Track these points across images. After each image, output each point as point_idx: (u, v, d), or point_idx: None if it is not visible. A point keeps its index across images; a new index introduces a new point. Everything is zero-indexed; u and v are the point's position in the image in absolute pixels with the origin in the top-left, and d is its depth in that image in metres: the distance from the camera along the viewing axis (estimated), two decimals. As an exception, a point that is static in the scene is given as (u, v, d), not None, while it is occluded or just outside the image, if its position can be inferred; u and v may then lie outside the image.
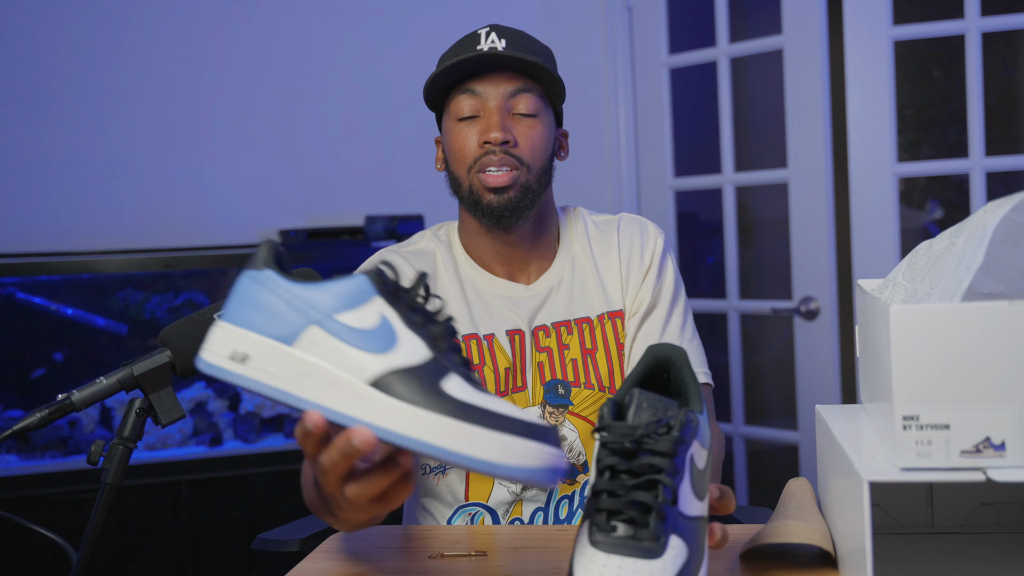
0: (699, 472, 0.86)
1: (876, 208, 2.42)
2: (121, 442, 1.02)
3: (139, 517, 2.45)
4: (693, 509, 0.84)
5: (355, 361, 0.73)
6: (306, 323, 0.74)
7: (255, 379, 0.74)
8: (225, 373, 0.74)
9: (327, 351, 0.74)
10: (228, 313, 0.77)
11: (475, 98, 1.34)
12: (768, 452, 3.23)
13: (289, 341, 0.74)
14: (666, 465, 0.81)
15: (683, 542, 0.81)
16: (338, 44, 2.96)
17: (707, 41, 2.71)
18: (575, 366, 1.38)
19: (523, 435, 0.71)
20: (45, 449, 2.53)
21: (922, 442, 0.83)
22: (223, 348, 0.75)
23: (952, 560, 1.00)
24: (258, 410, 2.71)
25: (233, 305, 0.77)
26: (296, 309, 0.75)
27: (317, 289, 0.76)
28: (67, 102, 2.77)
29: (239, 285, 0.77)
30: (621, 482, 0.81)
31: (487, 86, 1.34)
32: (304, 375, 0.73)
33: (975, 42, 2.33)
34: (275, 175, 2.91)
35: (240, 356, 0.74)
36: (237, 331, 0.75)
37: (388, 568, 1.07)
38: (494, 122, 1.33)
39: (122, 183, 2.80)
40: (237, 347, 0.74)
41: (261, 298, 0.76)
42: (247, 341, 0.75)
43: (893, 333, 0.83)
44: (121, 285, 2.75)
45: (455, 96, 1.36)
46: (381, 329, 0.75)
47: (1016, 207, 0.85)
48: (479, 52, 1.32)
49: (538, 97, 1.36)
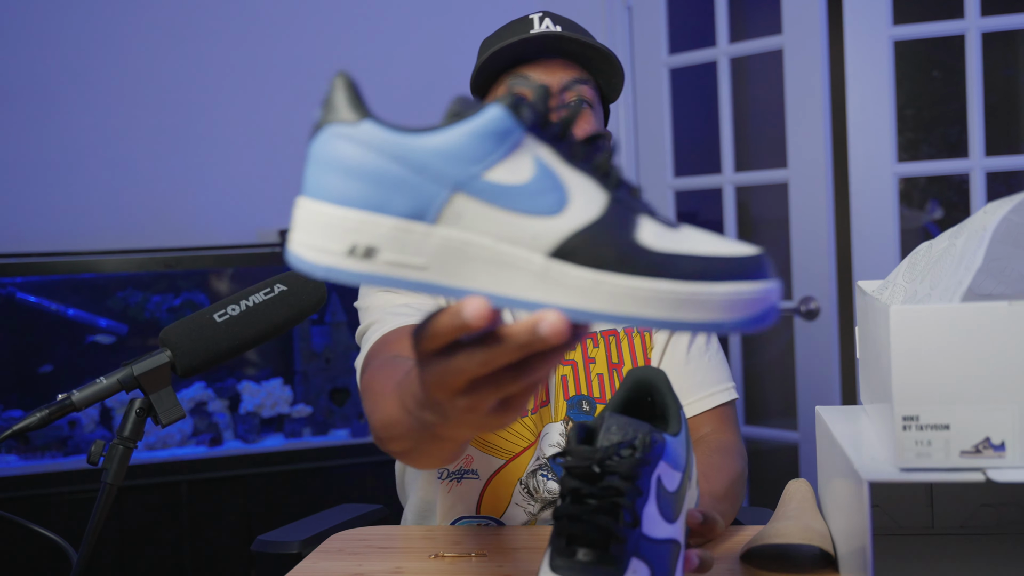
0: (668, 494, 0.84)
1: (876, 208, 2.42)
2: (121, 442, 1.02)
3: (139, 517, 2.45)
4: (660, 532, 0.82)
5: (524, 229, 0.56)
6: (445, 190, 0.56)
7: (391, 276, 0.55)
8: (344, 275, 0.55)
9: (483, 222, 0.56)
10: (320, 188, 0.56)
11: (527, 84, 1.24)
12: (768, 452, 3.23)
13: (428, 217, 0.55)
14: (627, 488, 0.80)
15: (646, 565, 0.79)
16: (338, 44, 2.95)
17: (707, 41, 2.71)
18: (601, 381, 1.30)
19: (743, 276, 0.57)
20: (45, 449, 2.53)
21: (922, 442, 0.83)
22: (334, 241, 0.55)
23: (952, 561, 1.00)
24: (258, 410, 2.71)
25: (324, 177, 0.56)
26: (425, 173, 0.56)
27: (443, 139, 0.56)
28: (67, 102, 2.76)
29: (324, 149, 0.57)
30: (583, 506, 0.80)
31: (541, 73, 1.23)
32: (459, 260, 0.56)
33: (975, 42, 2.33)
34: (275, 175, 2.91)
35: (363, 249, 0.55)
36: (347, 214, 0.55)
37: (388, 568, 1.07)
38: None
39: (122, 183, 2.80)
40: (356, 237, 0.55)
41: (368, 163, 0.56)
42: (368, 227, 0.55)
43: (893, 334, 0.83)
44: (121, 285, 2.75)
45: (503, 82, 1.25)
46: (542, 179, 0.57)
47: (1016, 208, 0.85)
48: (535, 34, 1.21)
49: (593, 90, 1.27)
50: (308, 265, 0.55)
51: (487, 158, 0.56)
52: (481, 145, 0.56)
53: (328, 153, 0.56)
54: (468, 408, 0.60)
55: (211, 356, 1.06)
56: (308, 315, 1.15)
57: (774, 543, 1.01)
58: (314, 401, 2.76)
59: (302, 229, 0.56)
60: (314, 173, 0.57)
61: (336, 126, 0.56)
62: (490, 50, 1.23)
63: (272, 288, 1.11)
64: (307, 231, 0.56)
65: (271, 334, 1.10)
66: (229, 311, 1.08)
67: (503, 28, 1.28)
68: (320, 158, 0.57)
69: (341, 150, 0.56)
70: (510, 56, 1.22)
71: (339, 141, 0.56)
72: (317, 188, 0.56)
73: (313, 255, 0.55)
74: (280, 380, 2.78)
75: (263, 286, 1.11)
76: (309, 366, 2.77)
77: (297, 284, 1.13)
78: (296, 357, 2.82)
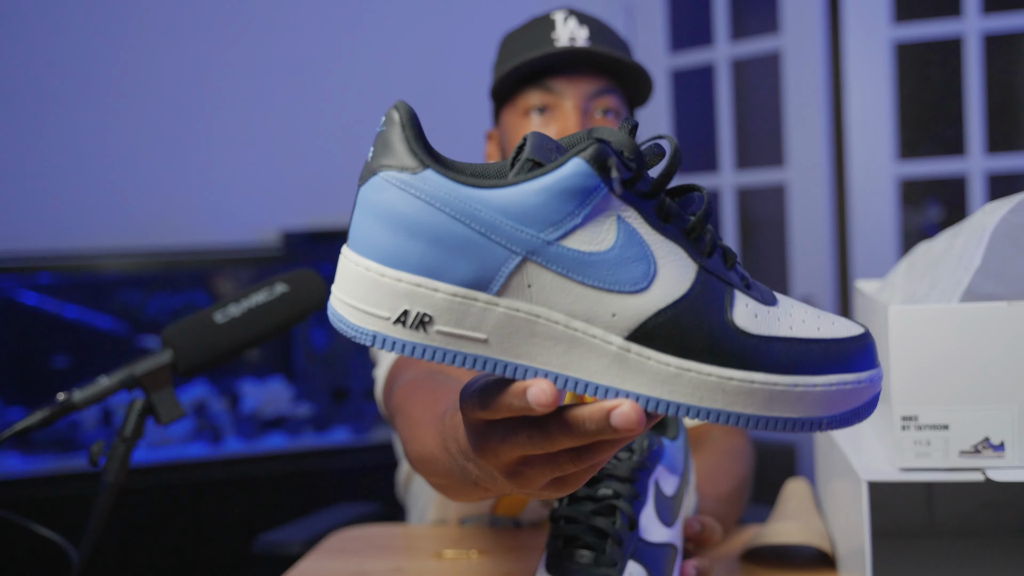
0: (666, 498, 0.85)
1: (876, 208, 2.42)
2: (122, 442, 1.02)
3: (139, 517, 2.45)
4: (657, 535, 0.82)
5: (602, 305, 0.49)
6: (515, 255, 0.48)
7: (446, 348, 0.49)
8: (391, 343, 0.48)
9: (556, 295, 0.49)
10: (370, 243, 0.49)
11: (550, 94, 1.18)
12: (767, 452, 3.23)
13: (493, 286, 0.48)
14: (625, 491, 0.80)
15: (643, 568, 0.80)
16: (338, 44, 2.96)
17: (707, 41, 2.71)
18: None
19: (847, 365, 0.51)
20: (45, 449, 2.53)
21: (921, 442, 0.83)
22: (382, 306, 0.48)
23: (951, 561, 1.00)
24: (258, 410, 2.71)
25: (375, 231, 0.49)
26: (493, 235, 0.48)
27: (515, 196, 0.48)
28: (67, 102, 2.77)
29: (376, 198, 0.49)
30: (580, 508, 0.80)
31: (566, 84, 1.18)
32: (525, 335, 0.49)
33: (975, 42, 2.33)
34: (275, 175, 2.91)
35: (415, 318, 0.48)
36: (400, 276, 0.48)
37: (388, 568, 1.07)
38: (572, 124, 1.17)
39: (122, 183, 2.80)
40: (408, 304, 0.48)
41: (427, 220, 0.48)
42: (422, 293, 0.48)
43: (892, 334, 0.83)
44: (121, 285, 2.76)
45: (526, 91, 1.19)
46: (626, 246, 0.49)
47: (1015, 208, 0.85)
48: (563, 49, 1.15)
49: (619, 99, 1.22)
50: (351, 327, 0.49)
51: (566, 221, 0.48)
52: (560, 205, 0.48)
53: (381, 204, 0.49)
54: (519, 483, 0.55)
55: (212, 356, 1.07)
56: (309, 315, 1.15)
57: (773, 543, 1.01)
58: (315, 401, 2.77)
59: (345, 286, 0.49)
60: (363, 224, 0.49)
61: (392, 173, 0.49)
62: (513, 61, 1.18)
63: (273, 288, 1.11)
64: (351, 289, 0.49)
65: (272, 334, 1.11)
66: (230, 311, 1.08)
67: (524, 28, 1.23)
68: (371, 208, 0.49)
69: (397, 203, 0.48)
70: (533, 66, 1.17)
71: (395, 192, 0.48)
72: (366, 243, 0.49)
73: (357, 317, 0.49)
74: (281, 380, 2.78)
75: (264, 286, 1.11)
76: (310, 366, 2.77)
77: (298, 284, 1.13)
78: (297, 357, 2.82)
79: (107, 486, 1.01)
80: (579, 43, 1.17)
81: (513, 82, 1.20)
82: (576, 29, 1.18)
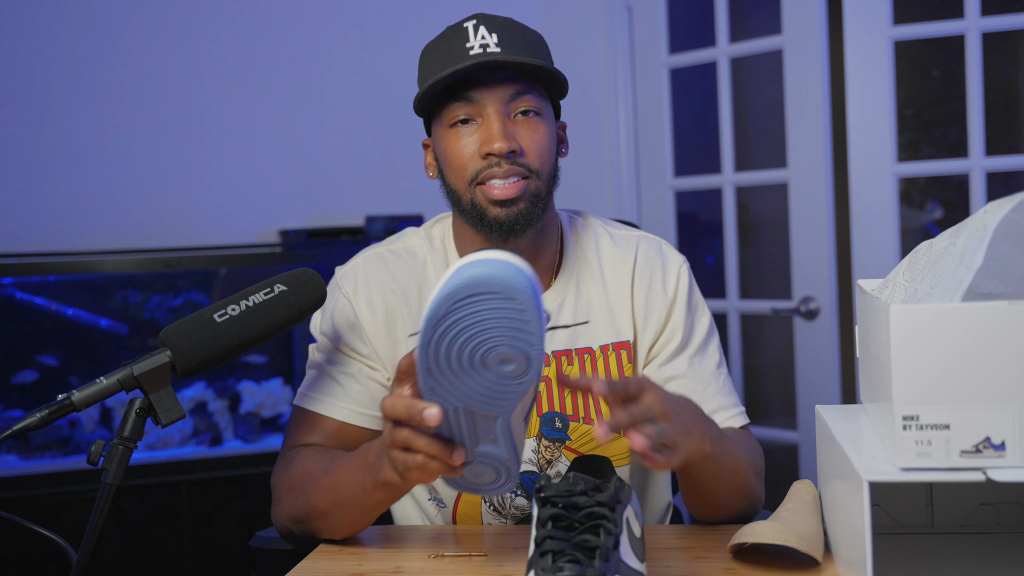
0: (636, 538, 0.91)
1: (876, 208, 2.42)
2: (121, 442, 1.02)
3: (139, 517, 2.45)
4: (633, 563, 0.88)
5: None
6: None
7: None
8: None
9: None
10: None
11: (471, 104, 1.21)
12: (768, 452, 3.22)
13: None
14: (608, 513, 0.85)
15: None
16: (337, 44, 2.95)
17: (707, 41, 2.71)
18: (574, 399, 1.26)
19: None
20: (45, 449, 2.53)
21: (922, 442, 0.83)
22: None
23: (952, 560, 1.00)
24: (258, 410, 2.71)
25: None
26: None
27: None
28: (67, 102, 2.76)
29: None
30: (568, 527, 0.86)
31: (484, 92, 1.20)
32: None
33: (975, 42, 2.33)
34: (275, 175, 2.91)
35: None
36: None
37: (388, 568, 1.07)
38: (496, 131, 1.19)
39: (122, 183, 2.80)
40: None
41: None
42: None
43: (893, 333, 0.83)
44: (121, 285, 2.75)
45: (449, 104, 1.22)
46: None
47: (1016, 207, 0.85)
48: (473, 60, 1.17)
49: (538, 95, 1.23)
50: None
51: None
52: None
53: None
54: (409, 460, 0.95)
55: (211, 356, 1.06)
56: (308, 315, 1.15)
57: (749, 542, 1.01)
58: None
59: None
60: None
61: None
62: (430, 79, 1.20)
63: (272, 288, 1.11)
64: None
65: (271, 334, 1.10)
66: (229, 311, 1.08)
67: (440, 40, 1.25)
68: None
69: None
70: (449, 80, 1.19)
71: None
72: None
73: None
74: (280, 380, 2.78)
75: (263, 286, 1.11)
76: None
77: (297, 284, 1.13)
78: (296, 357, 2.82)
79: (106, 486, 1.00)
80: (491, 49, 1.19)
81: (434, 97, 1.22)
82: (487, 36, 1.20)
